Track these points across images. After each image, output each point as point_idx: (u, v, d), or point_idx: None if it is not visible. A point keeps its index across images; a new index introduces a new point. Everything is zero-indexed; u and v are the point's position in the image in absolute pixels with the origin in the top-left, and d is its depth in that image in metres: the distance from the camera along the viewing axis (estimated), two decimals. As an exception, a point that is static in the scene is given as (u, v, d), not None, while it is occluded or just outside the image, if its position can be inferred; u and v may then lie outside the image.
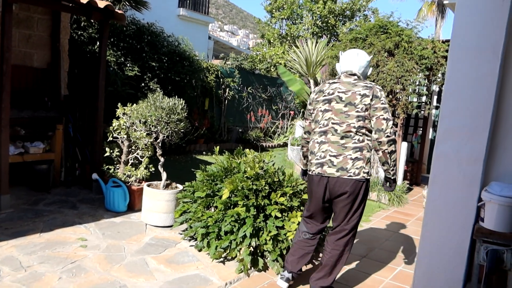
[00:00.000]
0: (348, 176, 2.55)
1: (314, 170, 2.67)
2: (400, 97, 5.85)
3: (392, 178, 2.76)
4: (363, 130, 2.59)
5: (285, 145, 10.15)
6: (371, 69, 2.95)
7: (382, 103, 2.59)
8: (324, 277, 2.75)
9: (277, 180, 3.49)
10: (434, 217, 2.49)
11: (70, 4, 4.20)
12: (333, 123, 2.62)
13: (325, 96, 2.70)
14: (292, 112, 11.20)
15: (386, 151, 2.59)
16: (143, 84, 7.15)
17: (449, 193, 2.44)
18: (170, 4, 15.49)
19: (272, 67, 12.31)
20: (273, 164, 3.73)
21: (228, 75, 9.78)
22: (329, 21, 13.33)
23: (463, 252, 2.37)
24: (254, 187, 3.32)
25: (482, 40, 2.34)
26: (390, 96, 5.90)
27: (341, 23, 13.69)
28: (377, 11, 13.92)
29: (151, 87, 7.09)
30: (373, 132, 2.58)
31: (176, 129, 3.89)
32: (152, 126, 3.89)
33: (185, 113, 3.96)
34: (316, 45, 6.84)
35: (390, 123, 2.59)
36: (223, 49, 18.48)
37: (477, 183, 2.35)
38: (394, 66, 5.73)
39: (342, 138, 2.59)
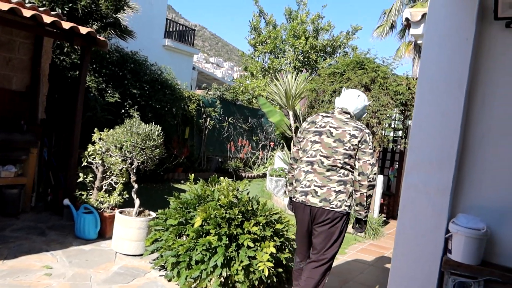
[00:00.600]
0: (330, 207, 2.63)
1: (298, 198, 2.74)
2: (376, 130, 5.98)
3: (363, 220, 2.82)
4: (348, 167, 2.69)
5: (264, 175, 10.15)
6: (366, 113, 3.08)
7: (370, 148, 2.71)
8: None
9: (251, 209, 3.47)
10: (404, 249, 2.51)
11: (53, 30, 4.22)
12: (320, 155, 2.70)
13: (316, 128, 2.79)
14: (272, 143, 11.29)
15: (364, 194, 2.68)
16: (123, 111, 7.13)
17: (418, 224, 2.47)
18: (156, 34, 15.74)
19: (253, 98, 12.50)
20: (248, 193, 3.72)
21: (210, 104, 9.86)
22: (311, 57, 13.73)
23: (432, 284, 2.37)
24: (227, 215, 3.29)
25: (448, 76, 2.45)
26: (367, 129, 6.03)
27: (322, 59, 14.10)
28: (356, 48, 14.41)
29: (131, 114, 7.07)
30: (357, 174, 2.68)
31: (151, 155, 3.87)
32: (128, 151, 3.86)
33: (161, 140, 3.95)
34: (295, 79, 7.01)
35: (375, 168, 2.71)
36: (206, 79, 18.71)
37: (445, 214, 2.39)
38: (370, 100, 5.89)
39: (328, 170, 2.68)
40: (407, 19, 5.27)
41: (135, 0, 8.22)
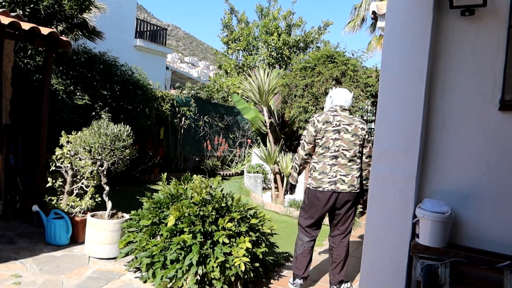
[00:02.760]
0: (355, 190, 3.25)
1: (327, 187, 3.22)
2: (349, 123, 6.06)
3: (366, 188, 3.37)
4: (360, 154, 3.29)
5: (242, 173, 10.14)
6: None
7: (370, 136, 3.39)
8: (341, 271, 3.38)
9: (225, 205, 3.46)
10: (374, 236, 2.55)
11: (13, 31, 4.08)
12: (343, 149, 3.22)
13: (334, 126, 3.24)
14: (249, 140, 11.30)
15: (369, 170, 3.27)
16: (94, 113, 6.98)
17: (386, 212, 2.52)
18: (127, 35, 15.46)
19: (229, 96, 12.46)
20: (222, 190, 3.71)
21: (184, 104, 9.77)
22: (284, 53, 13.80)
23: (402, 269, 2.43)
24: (201, 213, 3.27)
25: (409, 65, 2.50)
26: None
27: (295, 54, 14.18)
28: (328, 43, 14.57)
29: (102, 116, 6.92)
30: (365, 157, 3.33)
31: (121, 156, 3.80)
32: (97, 153, 3.78)
33: (131, 140, 3.89)
34: (268, 75, 7.02)
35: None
36: (181, 79, 18.52)
37: (411, 200, 2.45)
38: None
39: (349, 161, 3.23)
40: (374, 13, 5.36)
41: (102, 0, 8.05)
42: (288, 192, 3.72)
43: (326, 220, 3.52)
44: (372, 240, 2.54)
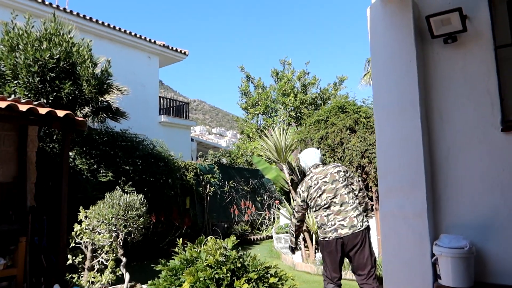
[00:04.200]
0: (358, 229, 3.24)
1: (330, 236, 3.35)
2: (369, 170, 5.91)
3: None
4: (351, 194, 3.41)
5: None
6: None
7: (351, 171, 3.65)
8: None
9: (241, 265, 3.32)
10: (393, 279, 2.36)
11: (31, 117, 4.39)
12: (330, 199, 3.39)
13: (314, 187, 3.50)
14: (277, 202, 11.13)
15: (366, 201, 3.59)
16: (118, 188, 7.16)
17: (402, 251, 2.35)
18: (152, 112, 16.26)
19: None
20: (238, 251, 3.58)
21: (208, 171, 9.89)
22: (302, 111, 14.01)
23: (427, 315, 2.19)
24: (216, 276, 3.15)
25: (400, 99, 2.47)
26: (359, 170, 5.97)
27: (314, 112, 14.37)
28: (347, 97, 14.74)
29: (125, 190, 7.09)
30: (357, 191, 3.52)
31: (135, 225, 3.80)
32: (111, 224, 3.81)
33: (145, 208, 3.91)
34: (285, 132, 7.09)
35: (360, 182, 3.65)
36: (206, 148, 18.97)
37: (426, 237, 2.28)
38: (357, 141, 5.90)
39: (341, 205, 3.34)
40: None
41: (127, 83, 8.63)
42: (291, 253, 4.06)
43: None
44: (391, 284, 2.34)
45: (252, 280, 3.22)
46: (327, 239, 3.39)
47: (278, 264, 5.20)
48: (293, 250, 3.94)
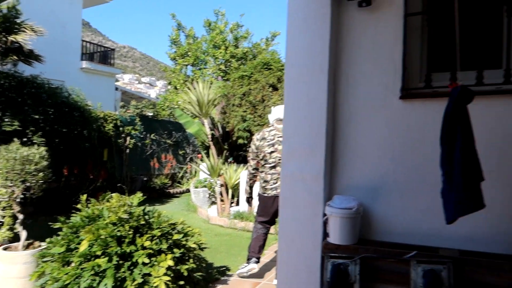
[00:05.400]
0: None
1: (269, 193, 3.78)
2: (288, 129, 6.02)
3: None
4: None
5: (195, 189, 9.90)
6: None
7: None
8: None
9: (145, 223, 3.25)
10: (287, 238, 2.44)
11: None
12: (279, 160, 3.60)
13: (268, 141, 3.77)
14: (199, 155, 11.08)
15: None
16: (25, 139, 6.57)
17: (298, 213, 2.41)
18: (72, 57, 14.92)
19: (178, 112, 12.25)
20: (144, 208, 3.49)
21: (129, 123, 9.45)
22: (232, 65, 13.78)
23: (315, 271, 2.31)
24: (118, 233, 3.05)
25: (310, 60, 2.42)
26: (279, 129, 6.06)
27: (244, 66, 14.21)
28: (276, 53, 14.71)
29: (34, 141, 6.52)
30: None
31: (34, 181, 3.51)
32: (8, 180, 3.48)
33: (46, 162, 3.61)
34: (208, 86, 6.90)
35: None
36: (132, 98, 18.08)
37: (320, 199, 2.35)
38: (278, 99, 5.93)
39: None
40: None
41: (44, 23, 7.70)
42: (247, 204, 4.40)
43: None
44: (285, 242, 2.42)
45: (156, 237, 3.18)
46: (265, 194, 3.81)
47: (194, 217, 5.29)
48: (248, 200, 4.24)
